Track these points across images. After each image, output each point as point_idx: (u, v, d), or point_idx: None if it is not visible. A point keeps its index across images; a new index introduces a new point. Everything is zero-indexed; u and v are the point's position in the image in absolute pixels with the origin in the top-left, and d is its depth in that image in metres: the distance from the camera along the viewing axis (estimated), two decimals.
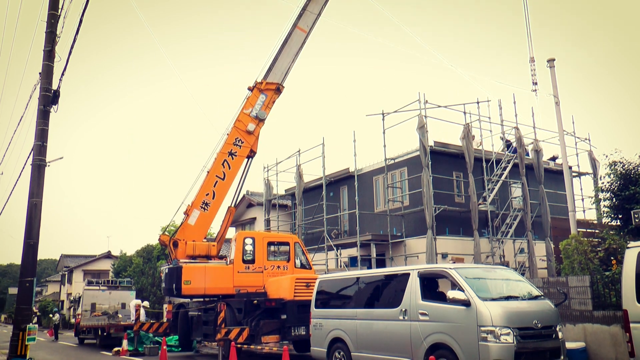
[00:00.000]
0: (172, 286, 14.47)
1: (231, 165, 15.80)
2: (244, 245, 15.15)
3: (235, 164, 15.87)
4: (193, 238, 15.32)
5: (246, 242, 15.21)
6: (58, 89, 11.11)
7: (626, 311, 7.66)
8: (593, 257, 12.45)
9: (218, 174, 15.64)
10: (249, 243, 15.23)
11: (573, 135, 21.94)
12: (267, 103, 16.20)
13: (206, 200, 15.48)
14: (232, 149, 15.82)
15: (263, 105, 16.12)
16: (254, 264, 15.13)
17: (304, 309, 12.52)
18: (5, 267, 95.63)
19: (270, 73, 16.23)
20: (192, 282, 14.34)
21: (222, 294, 14.69)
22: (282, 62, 16.27)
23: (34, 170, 10.73)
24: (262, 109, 16.08)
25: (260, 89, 16.10)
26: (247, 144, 16.01)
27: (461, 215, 18.69)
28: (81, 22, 10.65)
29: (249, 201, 28.67)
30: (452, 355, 8.00)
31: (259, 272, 15.10)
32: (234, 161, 15.83)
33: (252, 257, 15.12)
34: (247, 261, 15.05)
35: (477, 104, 19.70)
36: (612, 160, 13.32)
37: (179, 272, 14.36)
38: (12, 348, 10.12)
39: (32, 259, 10.44)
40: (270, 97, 16.23)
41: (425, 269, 9.46)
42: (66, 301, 49.21)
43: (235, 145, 15.85)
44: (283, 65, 16.28)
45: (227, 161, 15.75)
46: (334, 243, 20.73)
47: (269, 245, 15.71)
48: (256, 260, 15.15)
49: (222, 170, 15.68)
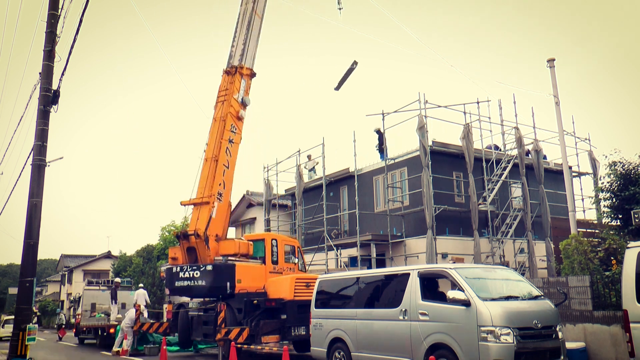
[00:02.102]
0: (225, 284, 13.87)
1: (232, 153, 15.48)
2: (272, 246, 15.47)
3: (234, 151, 15.56)
4: (216, 232, 14.74)
5: (273, 244, 15.59)
6: (58, 89, 11.12)
7: (626, 311, 7.66)
8: (593, 257, 12.45)
9: (224, 162, 15.22)
10: (275, 244, 15.62)
11: (573, 135, 21.95)
12: (247, 89, 16.00)
13: (220, 190, 15.02)
14: (230, 135, 15.48)
15: (244, 91, 15.91)
16: (278, 265, 15.51)
17: (304, 309, 12.54)
18: (5, 267, 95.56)
19: (245, 58, 15.93)
20: (242, 280, 14.16)
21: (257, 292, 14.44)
22: (251, 47, 16.09)
23: (34, 170, 10.73)
24: (245, 95, 15.87)
25: (242, 74, 15.83)
26: (239, 131, 15.78)
27: (461, 215, 18.69)
28: (81, 22, 10.67)
29: (249, 201, 28.65)
30: (452, 355, 8.01)
31: (279, 273, 15.36)
32: (232, 148, 15.50)
33: (277, 258, 15.50)
34: (274, 262, 15.39)
35: (477, 104, 19.71)
36: (612, 161, 13.34)
37: (232, 270, 14.02)
38: (12, 348, 10.13)
39: (32, 259, 10.45)
40: (247, 82, 16.03)
41: (425, 269, 9.46)
42: (66, 301, 49.21)
43: (232, 132, 15.54)
44: (251, 50, 16.12)
45: (229, 149, 15.41)
46: (334, 243, 20.73)
47: (285, 248, 16.10)
48: (279, 262, 15.57)
49: (227, 158, 15.30)
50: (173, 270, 14.81)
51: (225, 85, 15.85)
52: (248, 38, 16.03)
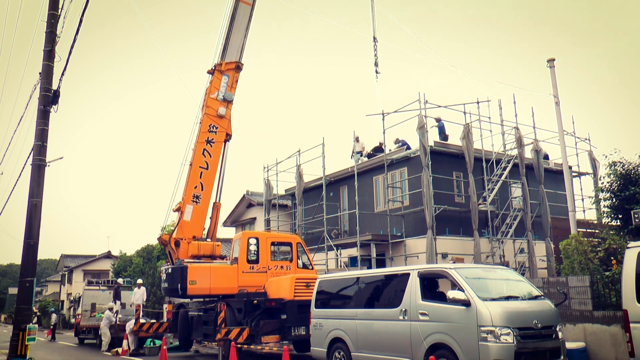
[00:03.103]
0: (177, 286, 14.26)
1: (212, 153, 15.72)
2: (248, 245, 15.14)
3: (214, 151, 15.79)
4: (192, 234, 15.21)
5: (250, 242, 15.19)
6: (58, 89, 11.10)
7: (626, 311, 7.66)
8: (593, 257, 12.45)
9: (201, 164, 15.53)
10: (253, 243, 15.21)
11: (573, 135, 21.95)
12: (231, 83, 16.10)
13: (196, 193, 15.39)
14: (209, 136, 15.71)
15: (227, 87, 16.02)
16: (258, 264, 15.11)
17: (304, 309, 12.52)
18: (5, 267, 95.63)
19: (226, 53, 16.05)
20: (197, 282, 14.22)
21: (226, 294, 14.60)
22: (235, 39, 16.13)
23: (34, 170, 10.71)
24: (227, 91, 15.99)
25: (221, 71, 15.94)
26: (222, 129, 15.93)
27: (461, 215, 18.68)
28: (81, 22, 10.65)
29: (249, 201, 28.65)
30: (452, 355, 8.00)
31: (263, 272, 15.06)
32: (213, 148, 15.75)
33: (256, 257, 15.10)
34: (251, 261, 15.03)
35: (477, 104, 19.71)
36: (612, 161, 13.34)
37: (184, 272, 14.18)
38: (12, 348, 10.11)
39: (32, 259, 10.43)
40: (232, 76, 16.12)
41: (425, 269, 9.46)
42: (66, 301, 49.22)
43: (211, 132, 15.75)
44: (237, 42, 16.15)
45: (207, 150, 15.66)
46: (334, 243, 20.72)
47: (272, 246, 15.70)
48: (260, 261, 15.14)
49: (204, 159, 15.57)
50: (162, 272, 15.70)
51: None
52: (231, 30, 16.08)
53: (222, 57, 16.03)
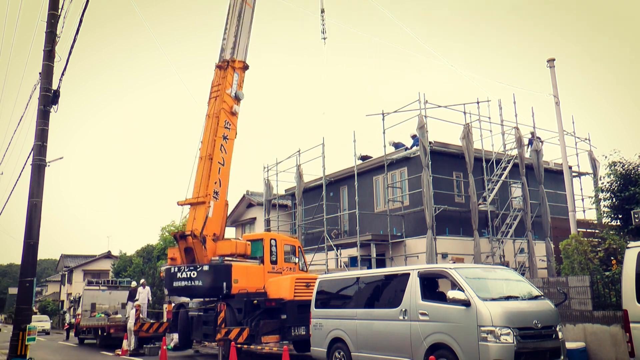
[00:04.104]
0: (222, 284, 13.80)
1: (227, 150, 15.35)
2: (270, 246, 15.34)
3: (229, 147, 15.41)
4: (214, 231, 14.74)
5: (272, 243, 15.45)
6: (58, 89, 11.09)
7: (626, 311, 7.66)
8: (593, 257, 12.45)
9: (219, 160, 15.09)
10: (274, 244, 15.48)
11: (573, 135, 21.95)
12: (240, 82, 15.84)
13: (215, 189, 14.93)
14: (224, 132, 15.32)
15: (238, 85, 15.75)
16: (277, 265, 15.36)
17: (304, 309, 12.53)
18: (5, 267, 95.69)
19: (236, 50, 15.76)
20: (239, 280, 14.08)
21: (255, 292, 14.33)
22: (243, 39, 15.95)
23: (34, 170, 10.71)
24: (238, 89, 15.71)
25: (234, 67, 15.65)
26: (234, 126, 15.59)
27: (461, 215, 18.68)
28: (81, 22, 10.64)
29: (249, 201, 28.64)
30: (452, 355, 8.01)
31: (279, 273, 15.24)
32: (227, 145, 15.35)
33: (276, 258, 15.37)
34: (273, 262, 15.26)
35: (477, 104, 19.72)
36: (612, 161, 13.35)
37: (228, 270, 13.97)
38: (12, 348, 10.11)
39: (32, 259, 10.42)
40: (241, 75, 15.88)
41: (425, 269, 9.46)
42: (66, 301, 49.22)
43: (226, 128, 15.36)
44: (243, 42, 15.96)
45: (223, 145, 15.25)
46: (334, 243, 20.72)
47: (285, 247, 15.95)
48: (278, 262, 15.42)
49: (222, 155, 15.16)
50: (171, 270, 14.86)
51: (218, 81, 15.72)
52: (239, 30, 15.87)
53: (232, 54, 15.71)
